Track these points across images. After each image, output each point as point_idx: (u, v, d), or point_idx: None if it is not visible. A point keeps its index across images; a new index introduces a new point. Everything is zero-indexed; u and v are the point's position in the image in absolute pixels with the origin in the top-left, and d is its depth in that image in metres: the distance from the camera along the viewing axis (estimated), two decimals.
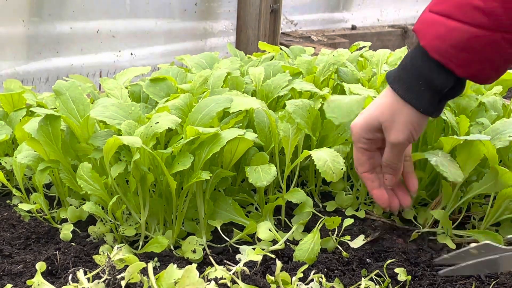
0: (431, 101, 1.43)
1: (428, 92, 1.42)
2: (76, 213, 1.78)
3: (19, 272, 1.50)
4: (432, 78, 1.41)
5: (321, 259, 1.58)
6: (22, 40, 3.05)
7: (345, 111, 1.65)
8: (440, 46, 1.37)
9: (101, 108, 1.61)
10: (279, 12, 3.77)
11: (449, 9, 1.36)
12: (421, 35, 1.41)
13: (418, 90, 1.43)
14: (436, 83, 1.41)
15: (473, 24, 1.33)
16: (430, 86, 1.42)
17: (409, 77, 1.44)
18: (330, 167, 1.57)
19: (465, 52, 1.35)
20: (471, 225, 1.82)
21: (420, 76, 1.42)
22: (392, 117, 1.47)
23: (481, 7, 1.31)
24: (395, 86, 1.45)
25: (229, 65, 2.11)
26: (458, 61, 1.36)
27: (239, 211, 1.69)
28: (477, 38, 1.33)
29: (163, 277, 1.31)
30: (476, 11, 1.32)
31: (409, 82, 1.44)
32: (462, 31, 1.34)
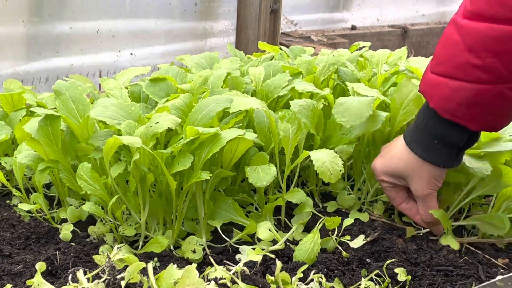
0: (449, 156, 1.52)
1: (445, 149, 1.51)
2: (76, 213, 1.78)
3: (19, 272, 1.50)
4: (447, 136, 1.49)
5: (321, 259, 1.58)
6: (22, 40, 3.05)
7: (355, 114, 1.65)
8: (448, 106, 1.44)
9: (101, 108, 1.61)
10: (279, 12, 3.77)
11: (450, 70, 1.42)
12: (428, 97, 1.49)
13: (435, 148, 1.51)
14: (452, 140, 1.49)
15: (475, 81, 1.39)
16: (446, 144, 1.50)
17: (425, 138, 1.52)
18: (328, 168, 1.57)
19: (474, 108, 1.42)
20: (470, 226, 1.82)
21: (436, 136, 1.50)
22: (414, 172, 1.58)
23: (480, 65, 1.37)
24: (413, 147, 1.56)
25: (229, 65, 2.11)
26: (469, 117, 1.43)
27: (239, 211, 1.69)
28: (482, 93, 1.39)
29: (163, 277, 1.31)
30: (476, 69, 1.38)
31: (425, 143, 1.53)
32: (466, 89, 1.40)
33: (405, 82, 1.78)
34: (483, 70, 1.37)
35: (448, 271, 1.56)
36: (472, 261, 1.62)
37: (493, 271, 1.59)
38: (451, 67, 1.42)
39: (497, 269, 1.61)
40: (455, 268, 1.57)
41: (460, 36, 1.40)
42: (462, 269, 1.57)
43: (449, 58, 1.43)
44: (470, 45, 1.38)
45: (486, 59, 1.36)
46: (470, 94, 1.40)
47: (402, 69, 1.96)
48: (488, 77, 1.37)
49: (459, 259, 1.62)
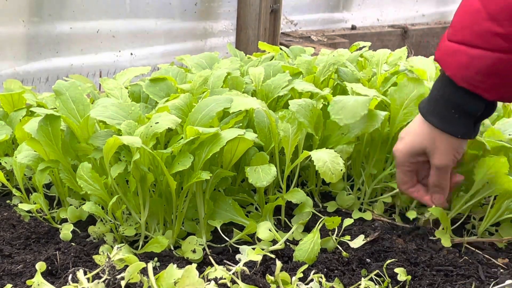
0: (467, 126, 1.51)
1: (463, 119, 1.49)
2: (76, 213, 1.78)
3: (19, 272, 1.50)
4: (464, 105, 1.47)
5: (321, 259, 1.58)
6: (22, 40, 3.05)
7: (350, 112, 1.65)
8: (466, 74, 1.42)
9: (101, 108, 1.61)
10: (279, 12, 3.77)
11: (470, 37, 1.40)
12: (445, 65, 1.47)
13: (453, 118, 1.50)
14: (469, 110, 1.48)
15: (496, 49, 1.37)
16: (463, 113, 1.49)
17: (441, 108, 1.51)
18: (329, 168, 1.57)
19: (492, 77, 1.40)
20: (471, 225, 1.82)
21: (452, 105, 1.49)
22: (433, 144, 1.56)
23: (502, 33, 1.35)
24: (430, 119, 1.54)
25: (229, 65, 2.11)
26: (486, 86, 1.42)
27: (239, 211, 1.69)
28: (502, 62, 1.38)
29: (163, 277, 1.31)
30: (498, 38, 1.36)
31: (442, 113, 1.51)
32: (486, 57, 1.39)
33: (406, 82, 1.78)
34: (505, 39, 1.35)
35: (448, 271, 1.56)
36: (472, 261, 1.62)
37: (493, 271, 1.59)
38: (471, 35, 1.40)
39: (497, 269, 1.61)
40: (455, 268, 1.57)
41: (482, 4, 1.37)
42: (462, 269, 1.57)
43: (469, 25, 1.40)
44: (492, 13, 1.36)
45: (509, 28, 1.34)
46: (489, 63, 1.39)
47: (402, 69, 1.97)
48: (510, 46, 1.36)
49: (459, 259, 1.62)
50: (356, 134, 1.76)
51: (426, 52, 4.95)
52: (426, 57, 2.08)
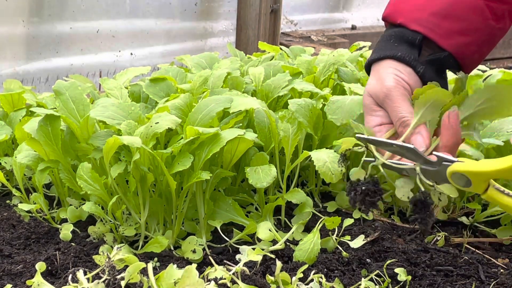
0: (408, 50, 1.27)
1: (402, 45, 1.28)
2: (76, 213, 1.78)
3: (19, 272, 1.50)
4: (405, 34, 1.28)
5: (321, 259, 1.57)
6: (22, 40, 3.05)
7: (347, 112, 1.65)
8: (420, 16, 1.26)
9: (101, 108, 1.61)
10: (279, 12, 3.77)
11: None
12: (397, 14, 1.31)
13: (391, 46, 1.29)
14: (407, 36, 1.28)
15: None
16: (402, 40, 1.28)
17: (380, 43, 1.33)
18: (329, 168, 1.57)
19: (448, 20, 1.25)
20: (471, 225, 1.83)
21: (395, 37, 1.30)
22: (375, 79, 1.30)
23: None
24: (371, 56, 1.32)
25: (229, 65, 2.11)
26: (440, 30, 1.25)
27: (239, 211, 1.69)
28: (459, 4, 1.24)
29: (163, 277, 1.31)
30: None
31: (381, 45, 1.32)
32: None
33: None
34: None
35: (448, 271, 1.56)
36: (472, 261, 1.62)
37: (493, 271, 1.59)
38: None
39: (497, 269, 1.61)
40: (455, 268, 1.57)
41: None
42: (462, 269, 1.57)
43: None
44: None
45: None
46: (447, 3, 1.25)
47: None
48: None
49: (459, 259, 1.62)
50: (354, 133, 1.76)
51: None
52: None
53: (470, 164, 1.16)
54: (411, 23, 1.27)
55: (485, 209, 1.81)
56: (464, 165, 1.16)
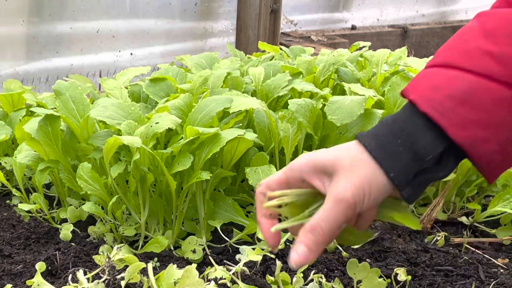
0: (406, 168, 1.03)
1: (406, 155, 1.02)
2: (76, 213, 1.78)
3: (19, 272, 1.50)
4: (416, 136, 1.03)
5: (321, 259, 1.57)
6: (22, 40, 3.05)
7: (347, 112, 1.65)
8: (433, 96, 1.02)
9: (101, 108, 1.61)
10: (279, 12, 3.77)
11: (452, 57, 1.05)
12: (411, 89, 1.07)
13: (395, 149, 1.03)
14: (419, 144, 1.02)
15: (481, 72, 1.00)
16: (411, 147, 1.02)
17: (386, 133, 1.05)
18: None
19: (465, 107, 1.00)
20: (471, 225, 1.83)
21: (401, 132, 1.04)
22: (351, 166, 1.04)
23: (494, 53, 0.99)
24: (366, 140, 1.04)
25: (229, 65, 2.11)
26: (453, 117, 1.00)
27: (239, 211, 1.69)
28: (483, 89, 0.99)
29: (163, 277, 1.31)
30: (487, 57, 1.00)
31: (385, 138, 1.04)
32: (465, 80, 1.00)
33: (399, 81, 1.78)
34: (497, 60, 0.98)
35: (448, 271, 1.56)
36: (472, 261, 1.62)
37: (493, 271, 1.59)
38: (455, 54, 1.04)
39: (497, 269, 1.61)
40: (455, 268, 1.57)
41: (479, 23, 1.04)
42: (462, 269, 1.57)
43: (455, 46, 1.06)
44: (488, 30, 1.01)
45: (504, 47, 0.99)
46: (466, 87, 1.00)
47: (402, 69, 1.97)
48: (500, 70, 0.98)
49: (459, 259, 1.62)
50: (354, 133, 1.76)
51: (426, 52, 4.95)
52: (426, 57, 2.08)
53: None
54: (422, 102, 1.02)
55: (485, 209, 1.81)
56: None
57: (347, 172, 1.02)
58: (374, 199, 1.02)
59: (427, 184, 1.06)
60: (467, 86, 1.00)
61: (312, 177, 1.05)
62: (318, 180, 1.05)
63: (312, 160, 1.06)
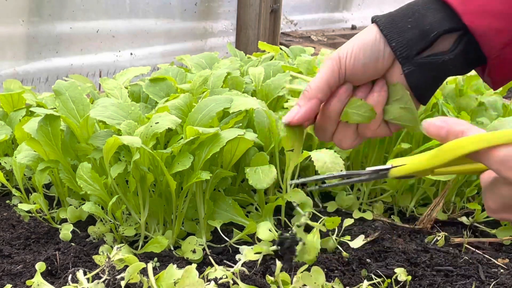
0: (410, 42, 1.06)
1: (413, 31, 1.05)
2: (75, 213, 1.78)
3: (19, 272, 1.50)
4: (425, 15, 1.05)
5: (321, 259, 1.57)
6: (22, 40, 3.05)
7: None
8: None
9: (100, 108, 1.60)
10: (279, 12, 3.77)
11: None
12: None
13: (403, 25, 1.06)
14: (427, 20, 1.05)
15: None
16: (418, 25, 1.05)
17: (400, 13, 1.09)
18: (329, 168, 1.56)
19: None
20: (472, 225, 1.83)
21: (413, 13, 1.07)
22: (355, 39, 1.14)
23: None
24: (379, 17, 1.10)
25: (229, 65, 2.11)
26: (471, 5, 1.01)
27: (239, 211, 1.68)
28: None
29: (163, 277, 1.31)
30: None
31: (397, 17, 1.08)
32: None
33: None
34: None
35: (448, 271, 1.56)
36: (472, 261, 1.62)
37: (493, 271, 1.59)
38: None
39: (497, 269, 1.61)
40: (455, 268, 1.57)
41: None
42: (462, 269, 1.57)
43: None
44: None
45: None
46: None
47: None
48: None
49: (459, 259, 1.62)
50: None
51: None
52: None
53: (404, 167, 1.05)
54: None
55: (485, 209, 1.80)
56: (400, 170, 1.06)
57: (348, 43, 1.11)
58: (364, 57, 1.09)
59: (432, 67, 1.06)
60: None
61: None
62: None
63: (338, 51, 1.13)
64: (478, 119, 1.90)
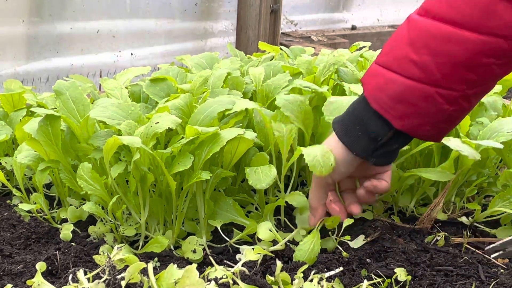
0: (366, 146, 1.47)
1: (364, 138, 1.46)
2: (76, 213, 1.78)
3: (19, 272, 1.50)
4: (368, 125, 1.45)
5: (321, 259, 1.57)
6: (22, 40, 3.05)
7: None
8: (378, 96, 1.41)
9: (101, 108, 1.61)
10: (279, 12, 3.77)
11: (389, 61, 1.40)
12: (365, 85, 1.46)
13: (355, 134, 1.48)
14: (371, 130, 1.45)
15: (408, 76, 1.36)
16: (365, 133, 1.46)
17: (349, 121, 1.49)
18: (319, 161, 1.54)
19: (401, 104, 1.38)
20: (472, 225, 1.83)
21: (359, 121, 1.47)
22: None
23: (416, 61, 1.34)
24: (336, 127, 1.52)
25: (229, 65, 2.11)
26: (394, 113, 1.40)
27: (240, 211, 1.68)
28: (411, 90, 1.36)
29: (163, 277, 1.31)
30: (412, 64, 1.35)
31: (347, 125, 1.49)
32: (398, 83, 1.37)
33: None
34: (418, 67, 1.35)
35: (448, 271, 1.56)
36: (472, 261, 1.62)
37: (493, 271, 1.59)
38: (391, 59, 1.40)
39: (497, 269, 1.61)
40: (455, 268, 1.57)
41: (407, 30, 1.38)
42: (462, 269, 1.57)
43: (392, 50, 1.41)
44: (412, 39, 1.36)
45: (423, 56, 1.34)
46: (400, 89, 1.37)
47: None
48: (421, 75, 1.35)
49: (459, 259, 1.62)
50: None
51: None
52: None
53: None
54: (371, 101, 1.43)
55: (485, 209, 1.81)
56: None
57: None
58: (344, 169, 1.55)
59: (389, 154, 1.52)
60: (400, 88, 1.38)
61: None
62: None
63: None
64: (478, 119, 1.90)
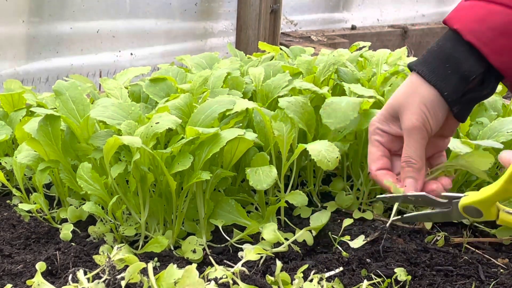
0: (457, 86, 1.29)
1: (454, 77, 1.29)
2: (76, 213, 1.78)
3: (19, 272, 1.50)
4: (461, 62, 1.29)
5: (321, 259, 1.58)
6: (22, 40, 3.05)
7: (341, 116, 1.65)
8: (477, 28, 1.26)
9: (101, 108, 1.61)
10: (279, 12, 3.77)
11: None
12: (455, 20, 1.31)
13: (444, 72, 1.30)
14: (464, 67, 1.28)
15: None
16: (457, 71, 1.28)
17: (435, 59, 1.31)
18: (324, 156, 1.56)
19: (504, 37, 1.24)
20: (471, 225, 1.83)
21: (448, 59, 1.30)
22: (406, 99, 1.33)
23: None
24: (420, 68, 1.32)
25: (229, 65, 2.11)
26: (494, 46, 1.25)
27: (241, 212, 1.68)
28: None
29: (163, 277, 1.31)
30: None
31: (434, 64, 1.31)
32: (505, 14, 1.24)
33: (400, 81, 1.78)
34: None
35: (448, 271, 1.56)
36: (472, 261, 1.62)
37: (493, 271, 1.59)
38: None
39: (497, 269, 1.61)
40: (455, 268, 1.58)
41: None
42: (462, 269, 1.57)
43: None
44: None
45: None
46: (506, 20, 1.23)
47: (402, 69, 1.97)
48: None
49: (459, 259, 1.62)
50: (352, 130, 1.77)
51: None
52: None
53: (473, 195, 1.24)
54: (467, 33, 1.28)
55: None
56: (469, 197, 1.25)
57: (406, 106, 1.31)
58: (435, 115, 1.31)
59: (475, 102, 1.35)
60: (506, 19, 1.23)
61: (390, 129, 1.38)
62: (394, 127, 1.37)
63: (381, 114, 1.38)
64: (478, 119, 1.90)
